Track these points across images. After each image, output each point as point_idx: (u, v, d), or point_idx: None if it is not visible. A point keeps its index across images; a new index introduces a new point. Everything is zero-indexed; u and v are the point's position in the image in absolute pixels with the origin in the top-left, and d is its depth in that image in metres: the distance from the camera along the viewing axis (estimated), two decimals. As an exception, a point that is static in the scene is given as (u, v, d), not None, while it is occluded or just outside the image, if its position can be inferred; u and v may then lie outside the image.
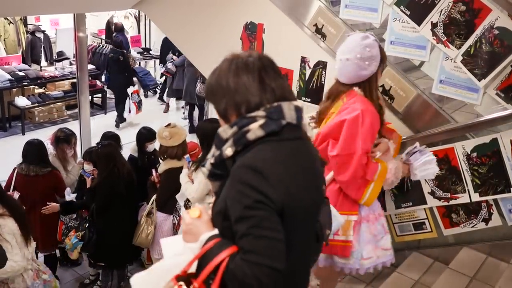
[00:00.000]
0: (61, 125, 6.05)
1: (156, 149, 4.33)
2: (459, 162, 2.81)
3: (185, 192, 3.39)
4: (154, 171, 4.05)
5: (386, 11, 3.04)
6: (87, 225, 3.90)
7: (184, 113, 8.68)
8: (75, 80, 6.96)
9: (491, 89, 2.72)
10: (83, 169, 4.09)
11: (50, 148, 4.27)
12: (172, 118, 8.18)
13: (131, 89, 8.18)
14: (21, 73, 7.79)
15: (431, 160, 2.48)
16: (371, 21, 3.19)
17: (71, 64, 8.90)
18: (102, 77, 8.99)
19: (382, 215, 2.58)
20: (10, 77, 7.59)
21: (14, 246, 2.70)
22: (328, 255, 2.52)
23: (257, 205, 1.23)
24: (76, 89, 6.29)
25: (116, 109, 8.41)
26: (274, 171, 1.26)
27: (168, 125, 3.80)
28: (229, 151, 1.31)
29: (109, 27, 10.27)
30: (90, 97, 7.44)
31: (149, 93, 9.84)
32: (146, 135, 4.32)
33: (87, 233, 3.85)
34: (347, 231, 2.43)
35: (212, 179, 1.40)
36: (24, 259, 2.76)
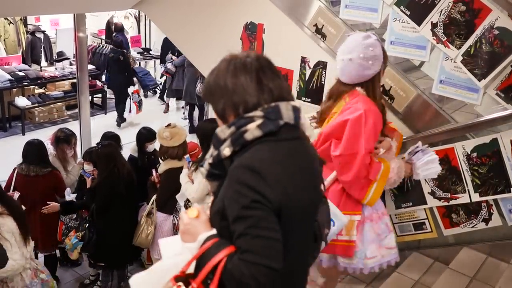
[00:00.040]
0: (61, 125, 6.03)
1: (156, 149, 4.33)
2: (459, 162, 2.81)
3: (185, 192, 3.39)
4: (154, 171, 4.05)
5: (386, 11, 3.03)
6: (87, 225, 3.90)
7: (184, 113, 8.68)
8: (75, 80, 6.97)
9: (491, 89, 2.71)
10: (83, 169, 4.09)
11: (50, 148, 4.27)
12: (172, 118, 8.19)
13: (131, 88, 8.18)
14: (21, 73, 7.80)
15: (434, 159, 2.48)
16: (371, 21, 3.19)
17: (71, 64, 8.90)
18: (102, 77, 8.99)
19: (385, 214, 2.57)
20: (10, 77, 7.59)
21: (13, 244, 2.72)
22: (331, 255, 2.51)
23: (254, 205, 1.23)
24: (76, 89, 6.30)
25: (116, 109, 8.42)
26: (271, 171, 1.27)
27: (168, 125, 3.80)
28: (227, 151, 1.32)
29: (109, 27, 10.27)
30: (90, 97, 7.44)
31: (148, 93, 9.84)
32: (146, 135, 4.32)
33: (87, 233, 3.85)
34: (350, 231, 2.42)
35: (210, 179, 1.41)
36: (23, 257, 2.78)
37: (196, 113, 8.04)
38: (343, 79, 2.45)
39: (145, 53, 10.27)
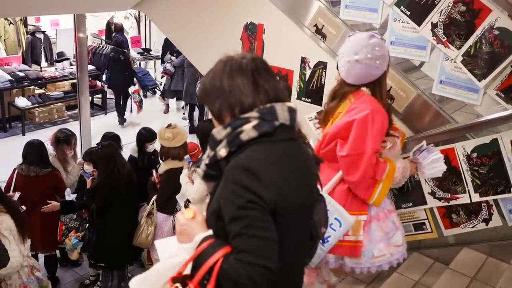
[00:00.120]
0: (61, 126, 6.04)
1: (156, 150, 4.33)
2: (459, 162, 2.81)
3: (185, 192, 3.39)
4: (154, 172, 4.05)
5: (386, 11, 3.03)
6: (87, 225, 3.90)
7: (184, 114, 8.68)
8: (75, 80, 6.96)
9: (491, 89, 2.71)
10: (83, 170, 4.09)
11: (50, 148, 4.27)
12: (172, 118, 8.18)
13: (132, 88, 8.18)
14: (21, 74, 7.80)
15: (439, 158, 2.46)
16: (371, 22, 3.19)
17: (71, 64, 8.90)
18: (102, 77, 8.99)
19: (392, 212, 2.55)
20: (10, 78, 7.59)
21: (11, 242, 2.75)
22: (338, 256, 2.50)
23: (250, 205, 1.24)
24: (76, 90, 6.29)
25: (116, 109, 8.41)
26: (267, 172, 1.28)
27: (169, 125, 3.79)
28: (223, 152, 1.33)
29: (109, 27, 10.27)
30: (90, 98, 7.44)
31: (148, 93, 9.83)
32: (146, 136, 4.32)
33: (87, 234, 3.86)
34: (357, 231, 2.41)
35: (206, 179, 1.42)
36: (20, 255, 2.81)
37: (196, 113, 8.04)
38: (350, 80, 2.40)
39: (145, 54, 10.27)
